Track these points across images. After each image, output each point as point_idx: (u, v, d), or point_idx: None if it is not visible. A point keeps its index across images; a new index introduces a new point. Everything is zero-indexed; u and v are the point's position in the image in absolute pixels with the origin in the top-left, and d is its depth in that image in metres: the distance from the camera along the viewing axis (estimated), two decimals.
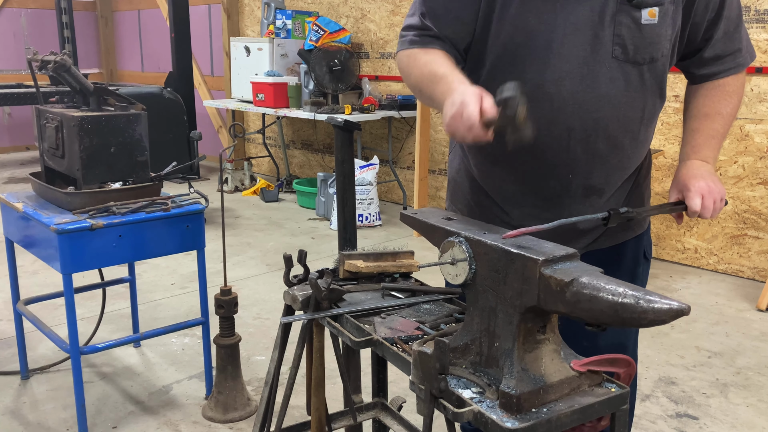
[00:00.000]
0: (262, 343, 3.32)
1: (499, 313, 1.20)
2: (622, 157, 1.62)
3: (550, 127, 1.54)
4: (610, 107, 1.54)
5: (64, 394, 2.83)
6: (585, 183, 1.61)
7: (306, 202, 6.07)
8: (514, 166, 1.63)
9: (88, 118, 2.45)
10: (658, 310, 1.02)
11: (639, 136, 1.62)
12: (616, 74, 1.52)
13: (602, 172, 1.61)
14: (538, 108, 1.49)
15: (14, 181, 7.22)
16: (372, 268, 1.68)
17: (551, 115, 1.54)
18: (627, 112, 1.56)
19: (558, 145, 1.56)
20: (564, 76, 1.52)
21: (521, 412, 1.12)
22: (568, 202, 1.63)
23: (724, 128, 1.64)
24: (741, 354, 3.27)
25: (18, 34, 9.03)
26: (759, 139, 4.18)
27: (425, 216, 1.44)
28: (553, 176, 1.60)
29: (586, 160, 1.58)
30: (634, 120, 1.58)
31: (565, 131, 1.55)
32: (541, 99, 1.53)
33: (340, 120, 1.74)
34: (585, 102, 1.53)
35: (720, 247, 4.43)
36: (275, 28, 6.43)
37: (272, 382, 1.75)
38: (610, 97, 1.53)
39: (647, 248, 1.85)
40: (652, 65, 1.55)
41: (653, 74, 1.57)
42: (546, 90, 1.53)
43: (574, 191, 1.61)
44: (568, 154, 1.57)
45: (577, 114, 1.53)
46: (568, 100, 1.52)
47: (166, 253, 2.60)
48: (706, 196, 1.53)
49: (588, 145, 1.56)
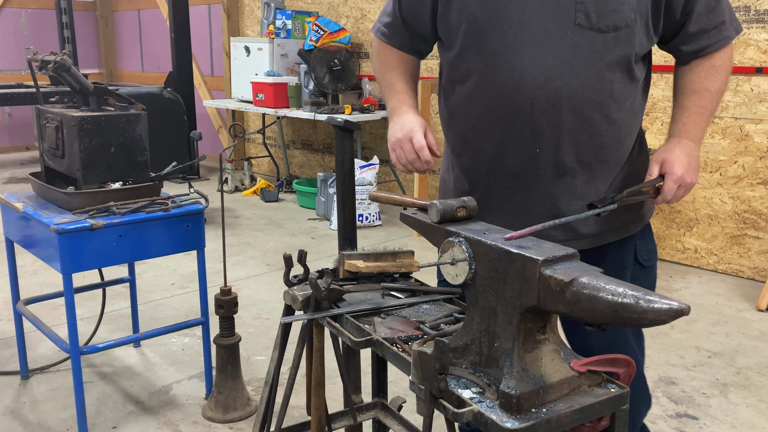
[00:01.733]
0: (262, 343, 3.32)
1: (499, 313, 1.20)
2: (593, 133, 1.58)
3: (513, 97, 1.56)
4: (573, 76, 1.52)
5: (64, 394, 2.83)
6: (555, 160, 1.59)
7: (306, 202, 6.07)
8: (483, 142, 1.65)
9: (88, 118, 2.45)
10: (658, 310, 1.02)
11: (611, 114, 1.58)
12: (579, 41, 1.51)
13: (571, 148, 1.58)
14: (500, 77, 1.56)
15: (14, 181, 7.22)
16: (372, 268, 1.68)
17: (513, 84, 1.55)
18: (593, 83, 1.54)
19: (522, 116, 1.56)
20: (525, 44, 1.53)
21: (521, 412, 1.12)
22: (540, 181, 1.62)
23: (712, 105, 1.62)
24: (741, 354, 3.27)
25: (18, 34, 9.03)
26: (759, 139, 4.18)
27: (425, 216, 1.44)
28: (521, 151, 1.60)
29: (552, 133, 1.57)
30: (602, 93, 1.55)
31: (527, 100, 1.55)
32: (503, 68, 1.55)
33: (340, 120, 1.75)
34: (547, 69, 1.52)
35: (720, 247, 4.43)
36: (275, 28, 6.42)
37: (272, 382, 1.75)
38: (572, 65, 1.52)
39: (644, 254, 1.78)
40: (617, 35, 1.51)
41: (619, 46, 1.53)
42: (507, 58, 1.54)
43: (543, 169, 1.60)
44: (532, 126, 1.57)
45: (539, 82, 1.53)
46: (530, 68, 1.53)
47: (166, 253, 2.60)
48: (681, 186, 1.55)
49: (552, 115, 1.55)
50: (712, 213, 4.43)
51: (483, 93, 1.61)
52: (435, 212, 1.37)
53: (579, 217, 1.40)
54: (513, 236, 1.23)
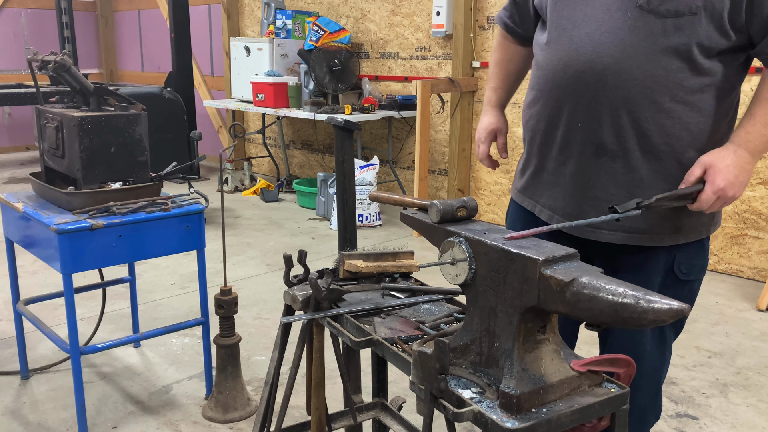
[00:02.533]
0: (262, 343, 3.32)
1: (499, 313, 1.20)
2: (637, 117, 1.54)
3: (566, 69, 1.60)
4: (623, 55, 1.51)
5: (64, 394, 2.83)
6: (595, 138, 1.59)
7: (306, 202, 6.07)
8: (540, 112, 1.71)
9: (88, 118, 2.45)
10: (658, 310, 1.02)
11: (662, 103, 1.52)
12: (637, 23, 1.50)
13: (611, 129, 1.56)
14: (561, 50, 1.62)
15: (14, 181, 7.22)
16: (372, 268, 1.68)
17: (569, 57, 1.59)
18: (644, 66, 1.50)
19: (570, 89, 1.59)
20: (587, 20, 1.57)
21: (521, 412, 1.12)
22: (579, 158, 1.62)
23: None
24: (741, 354, 3.27)
25: (18, 34, 9.03)
26: None
27: (425, 216, 1.44)
28: (567, 124, 1.63)
29: (594, 109, 1.57)
30: (652, 78, 1.51)
31: (576, 74, 1.58)
32: (564, 40, 1.61)
33: (340, 120, 1.75)
34: (599, 45, 1.54)
35: (720, 247, 4.43)
36: (275, 28, 6.43)
37: (272, 382, 1.75)
38: (625, 45, 1.51)
39: (684, 267, 1.68)
40: (678, 21, 1.47)
41: (679, 33, 1.47)
42: (569, 32, 1.60)
43: (583, 145, 1.61)
44: (577, 100, 1.59)
45: (590, 57, 1.55)
46: (585, 42, 1.56)
47: (166, 253, 2.59)
48: (720, 198, 1.47)
49: (597, 91, 1.55)
50: None
51: (547, 64, 1.67)
52: (435, 212, 1.37)
53: (595, 221, 1.36)
54: (513, 237, 1.23)
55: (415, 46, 5.86)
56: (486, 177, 5.53)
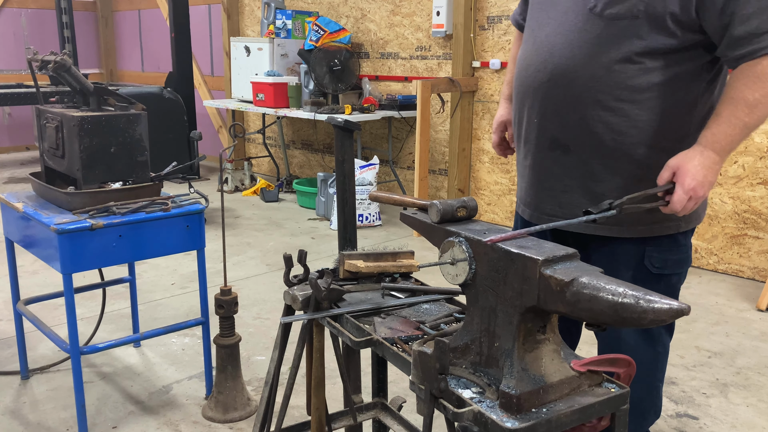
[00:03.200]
0: (262, 343, 3.32)
1: (499, 313, 1.20)
2: (584, 115, 1.63)
3: (527, 69, 1.74)
4: (571, 57, 1.62)
5: (64, 394, 2.83)
6: (548, 133, 1.71)
7: (306, 202, 6.07)
8: (513, 108, 1.87)
9: (88, 118, 2.45)
10: (658, 310, 1.02)
11: (608, 104, 1.60)
12: (586, 26, 1.61)
13: (561, 125, 1.68)
14: (527, 50, 1.77)
15: (14, 181, 7.22)
16: (372, 268, 1.68)
17: (530, 57, 1.74)
18: (589, 67, 1.60)
19: (530, 87, 1.73)
20: (549, 23, 1.70)
21: (521, 412, 1.12)
22: (537, 150, 1.75)
23: (749, 117, 1.50)
24: (741, 354, 3.27)
25: (18, 34, 9.03)
26: (759, 139, 4.18)
27: (425, 216, 1.44)
28: (528, 119, 1.76)
29: (546, 106, 1.69)
30: (597, 79, 1.60)
31: (533, 72, 1.71)
32: (530, 41, 1.76)
33: (340, 120, 1.75)
34: (553, 47, 1.67)
35: (720, 247, 4.43)
36: (275, 28, 6.43)
37: (272, 382, 1.75)
38: (573, 47, 1.62)
39: (657, 261, 1.71)
40: (621, 24, 1.55)
41: (623, 36, 1.55)
42: (535, 33, 1.74)
43: (539, 139, 1.74)
44: (533, 97, 1.72)
45: (544, 57, 1.68)
46: (543, 44, 1.70)
47: (166, 253, 2.59)
48: (692, 198, 1.50)
49: (548, 90, 1.67)
50: (712, 213, 4.43)
51: (518, 63, 1.83)
52: (435, 212, 1.37)
53: (572, 222, 1.37)
54: (493, 240, 1.22)
55: (415, 46, 5.86)
56: (486, 177, 5.53)
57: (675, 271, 1.74)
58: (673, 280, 1.76)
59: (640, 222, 1.67)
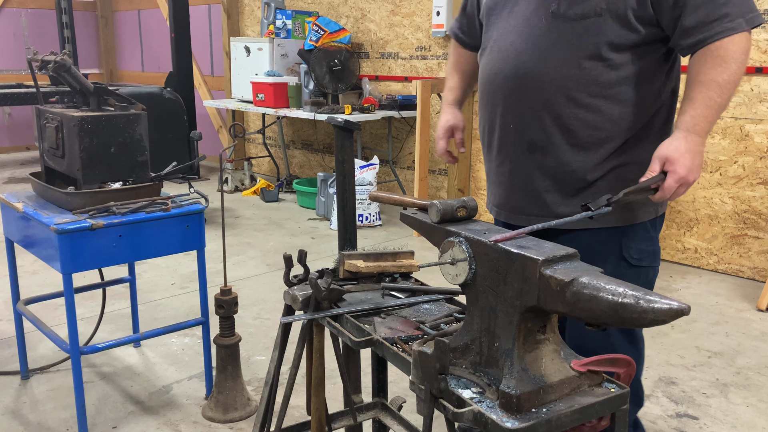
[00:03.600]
0: (262, 343, 3.32)
1: (499, 313, 1.20)
2: (559, 114, 1.67)
3: (495, 77, 1.77)
4: (540, 60, 1.67)
5: (64, 394, 2.83)
6: (526, 137, 1.73)
7: (306, 202, 6.07)
8: (483, 117, 1.88)
9: (88, 118, 2.45)
10: (658, 310, 1.02)
11: (581, 99, 1.65)
12: (551, 28, 1.65)
13: (538, 128, 1.71)
14: (491, 59, 1.80)
15: (14, 181, 7.22)
16: (372, 268, 1.68)
17: (496, 65, 1.77)
18: (559, 68, 1.65)
19: (500, 95, 1.76)
20: (512, 30, 1.73)
21: (521, 412, 1.12)
22: (515, 155, 1.77)
23: (721, 97, 1.57)
24: (741, 354, 3.27)
25: (18, 34, 9.03)
26: (759, 139, 4.18)
27: (425, 216, 1.44)
28: (501, 126, 1.79)
29: (520, 111, 1.72)
30: (568, 78, 1.64)
31: (503, 80, 1.75)
32: (493, 50, 1.79)
33: (340, 120, 1.75)
34: (520, 53, 1.70)
35: (720, 247, 4.43)
36: (275, 28, 6.43)
37: (272, 382, 1.75)
38: (541, 50, 1.67)
39: (634, 252, 1.75)
40: (585, 23, 1.61)
41: (588, 34, 1.61)
42: (497, 42, 1.78)
43: (516, 144, 1.76)
44: (505, 103, 1.75)
45: (513, 64, 1.72)
46: (509, 51, 1.73)
47: (166, 253, 2.59)
48: (683, 185, 1.54)
49: (521, 95, 1.71)
50: (712, 213, 4.43)
51: (483, 72, 1.85)
52: (435, 212, 1.37)
53: (571, 219, 1.38)
54: (498, 239, 1.23)
55: (415, 46, 5.86)
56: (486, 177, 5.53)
57: (651, 263, 1.80)
58: (650, 274, 1.81)
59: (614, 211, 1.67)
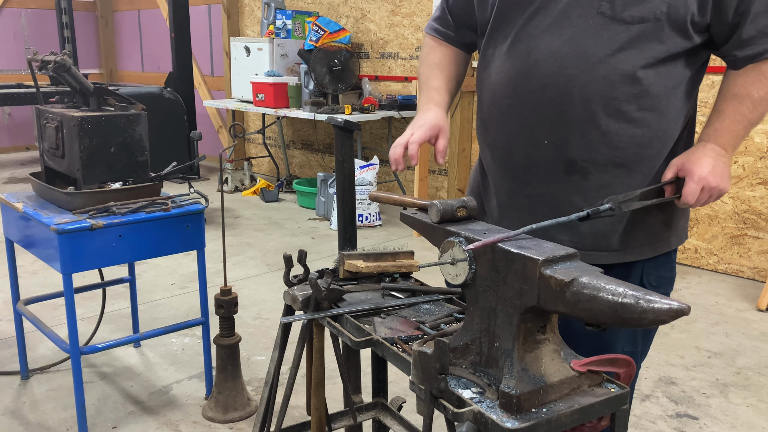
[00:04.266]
0: (262, 343, 3.32)
1: (499, 313, 1.20)
2: (607, 130, 1.47)
3: (525, 84, 1.51)
4: (587, 67, 1.44)
5: (64, 394, 2.83)
6: (563, 155, 1.50)
7: (306, 202, 6.07)
8: (498, 129, 1.61)
9: (88, 118, 2.45)
10: (658, 310, 1.02)
11: (630, 113, 1.46)
12: (600, 31, 1.43)
13: (581, 145, 1.48)
14: (517, 62, 1.52)
15: (14, 181, 7.22)
16: (372, 268, 1.68)
17: (527, 70, 1.50)
18: (610, 77, 1.44)
19: (532, 104, 1.51)
20: (545, 29, 1.48)
21: (521, 412, 1.12)
22: (547, 176, 1.53)
23: (753, 113, 1.47)
24: (741, 354, 3.27)
25: (18, 34, 9.03)
26: (759, 139, 4.18)
27: (425, 216, 1.44)
28: (530, 141, 1.53)
29: (560, 125, 1.48)
30: (619, 89, 1.44)
31: (538, 88, 1.49)
32: (521, 52, 1.51)
33: (340, 120, 1.74)
34: (561, 57, 1.46)
35: (720, 247, 4.43)
36: (275, 28, 6.43)
37: (272, 382, 1.75)
38: (588, 56, 1.44)
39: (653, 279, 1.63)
40: (643, 28, 1.41)
41: (645, 40, 1.42)
42: (526, 43, 1.50)
43: (551, 163, 1.52)
44: (541, 115, 1.50)
45: (552, 69, 1.47)
46: (545, 54, 1.47)
47: (166, 253, 2.59)
48: (705, 189, 1.42)
49: (562, 106, 1.47)
50: (712, 213, 4.43)
51: (501, 78, 1.57)
52: (435, 212, 1.37)
53: (560, 221, 1.29)
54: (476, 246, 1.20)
55: (415, 46, 5.86)
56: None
57: (667, 290, 1.69)
58: None
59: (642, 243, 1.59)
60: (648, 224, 1.57)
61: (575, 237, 1.55)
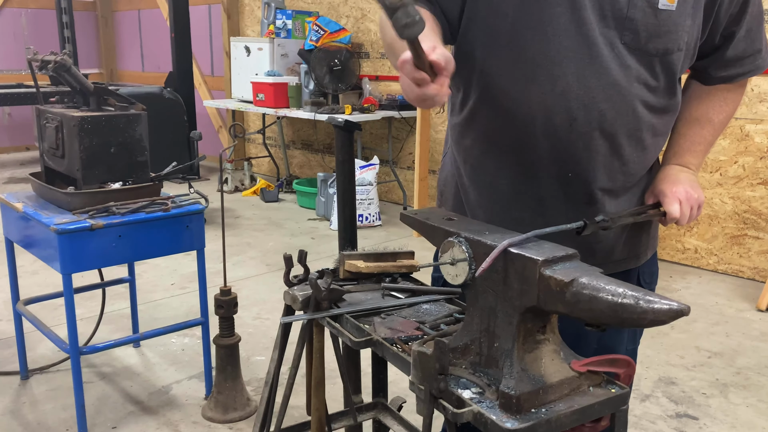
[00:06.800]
0: (262, 343, 3.32)
1: (498, 313, 1.20)
2: (625, 161, 1.44)
3: (550, 115, 1.37)
4: (619, 99, 1.36)
5: (64, 394, 2.83)
6: (586, 188, 1.44)
7: (306, 202, 6.07)
8: (510, 159, 1.47)
9: (88, 118, 2.45)
10: (658, 310, 1.02)
11: (645, 141, 1.44)
12: (627, 61, 1.35)
13: (603, 176, 1.43)
14: (537, 90, 1.37)
15: (14, 181, 7.22)
16: (372, 268, 1.68)
17: (552, 101, 1.36)
18: (635, 109, 1.38)
19: (559, 137, 1.38)
20: (569, 56, 1.33)
21: (521, 413, 1.12)
22: (566, 207, 1.45)
23: (712, 136, 1.55)
24: (741, 354, 3.27)
25: (18, 34, 9.03)
26: (759, 139, 4.18)
27: (425, 216, 1.44)
28: (553, 173, 1.43)
29: (587, 158, 1.40)
30: (641, 120, 1.40)
31: (566, 121, 1.37)
32: (542, 80, 1.36)
33: (340, 120, 1.74)
34: (591, 89, 1.35)
35: (720, 247, 4.43)
36: (275, 28, 6.43)
37: (272, 382, 1.75)
38: (620, 88, 1.35)
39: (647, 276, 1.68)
40: (666, 59, 1.37)
41: (667, 71, 1.39)
42: (548, 70, 1.35)
43: (574, 195, 1.44)
44: (568, 148, 1.39)
45: (583, 102, 1.35)
46: (573, 85, 1.34)
47: (166, 253, 2.60)
48: (683, 202, 1.45)
49: (591, 140, 1.38)
50: (712, 213, 4.43)
51: (518, 107, 1.40)
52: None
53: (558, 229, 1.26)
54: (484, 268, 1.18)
55: None
56: None
57: (656, 283, 1.73)
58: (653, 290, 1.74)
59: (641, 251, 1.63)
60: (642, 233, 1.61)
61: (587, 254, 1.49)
